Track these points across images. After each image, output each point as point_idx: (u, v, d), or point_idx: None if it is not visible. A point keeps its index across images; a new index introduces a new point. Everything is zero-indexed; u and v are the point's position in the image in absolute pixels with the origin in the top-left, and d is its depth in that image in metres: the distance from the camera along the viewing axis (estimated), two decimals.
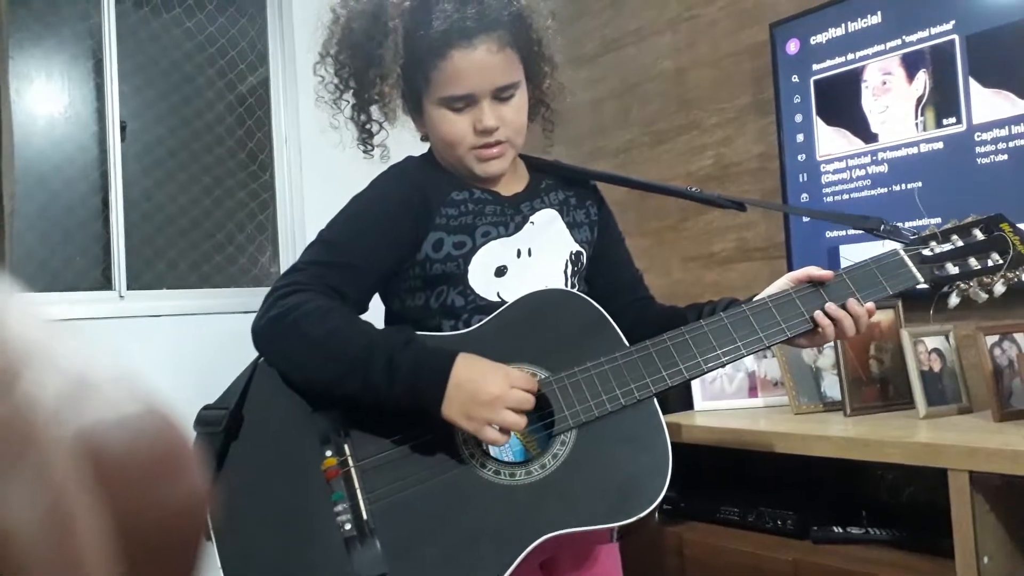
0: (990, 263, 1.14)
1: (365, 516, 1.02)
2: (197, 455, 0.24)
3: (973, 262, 1.14)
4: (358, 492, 1.03)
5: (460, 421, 1.00)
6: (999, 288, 1.13)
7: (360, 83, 1.16)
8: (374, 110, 1.18)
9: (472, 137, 1.12)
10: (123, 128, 2.60)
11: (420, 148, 1.25)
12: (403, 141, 1.23)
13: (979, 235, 1.16)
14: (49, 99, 2.59)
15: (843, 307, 1.10)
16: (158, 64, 2.75)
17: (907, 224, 1.38)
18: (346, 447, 1.05)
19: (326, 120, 1.20)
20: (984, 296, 1.13)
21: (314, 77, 1.18)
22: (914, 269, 1.13)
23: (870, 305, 1.11)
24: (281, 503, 1.04)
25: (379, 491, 1.04)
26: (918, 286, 1.14)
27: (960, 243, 1.16)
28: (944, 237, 1.16)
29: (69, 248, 2.56)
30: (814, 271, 1.13)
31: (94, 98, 2.63)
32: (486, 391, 0.99)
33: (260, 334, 1.07)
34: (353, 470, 1.04)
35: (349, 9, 1.13)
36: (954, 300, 1.13)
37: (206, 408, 1.09)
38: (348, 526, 1.01)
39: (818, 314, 1.10)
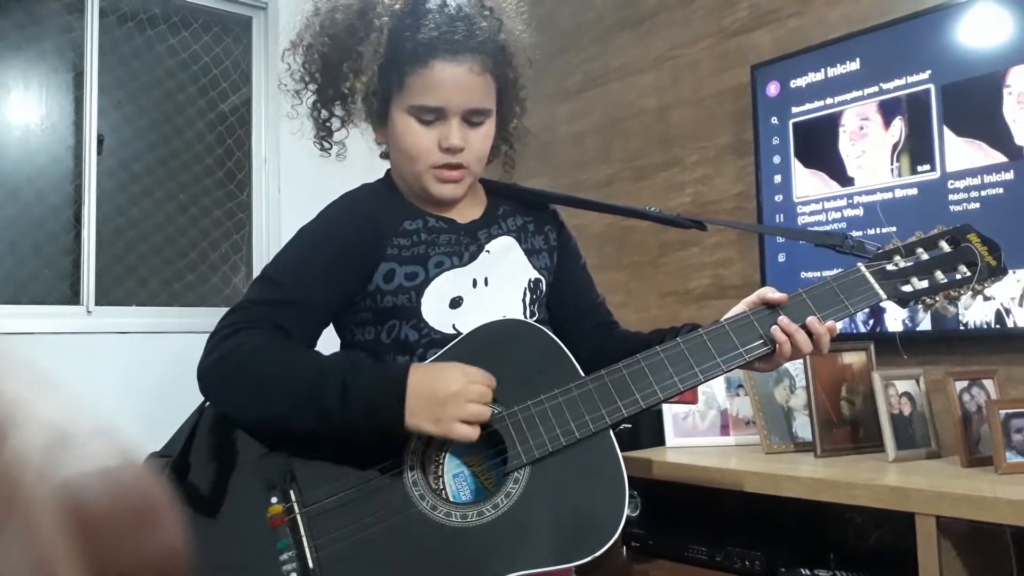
0: (958, 276, 1.08)
1: (311, 565, 0.98)
2: (175, 508, 0.24)
3: (940, 276, 1.08)
4: (304, 539, 0.99)
5: (427, 427, 0.97)
6: (967, 301, 1.08)
7: (328, 76, 1.13)
8: (337, 107, 1.16)
9: (435, 154, 1.10)
10: (100, 142, 2.57)
11: (377, 156, 1.22)
12: (360, 149, 1.21)
13: (946, 247, 1.10)
14: (26, 110, 2.57)
15: (803, 327, 1.06)
16: (139, 79, 2.74)
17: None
18: (292, 493, 1.01)
19: (307, 142, 1.18)
20: (952, 310, 1.09)
21: (281, 64, 1.16)
22: (876, 286, 1.08)
23: (831, 324, 1.07)
24: (226, 553, 1.00)
25: (326, 537, 1.00)
26: (881, 303, 1.10)
27: (926, 256, 1.10)
28: (908, 251, 1.11)
29: (38, 260, 2.52)
30: (769, 293, 1.09)
31: (72, 111, 2.61)
32: (445, 389, 0.97)
33: (205, 377, 1.02)
34: (299, 516, 1.00)
35: (334, 1, 1.11)
36: (922, 314, 1.11)
37: (152, 456, 1.05)
38: (294, 575, 0.98)
39: (774, 329, 1.05)
